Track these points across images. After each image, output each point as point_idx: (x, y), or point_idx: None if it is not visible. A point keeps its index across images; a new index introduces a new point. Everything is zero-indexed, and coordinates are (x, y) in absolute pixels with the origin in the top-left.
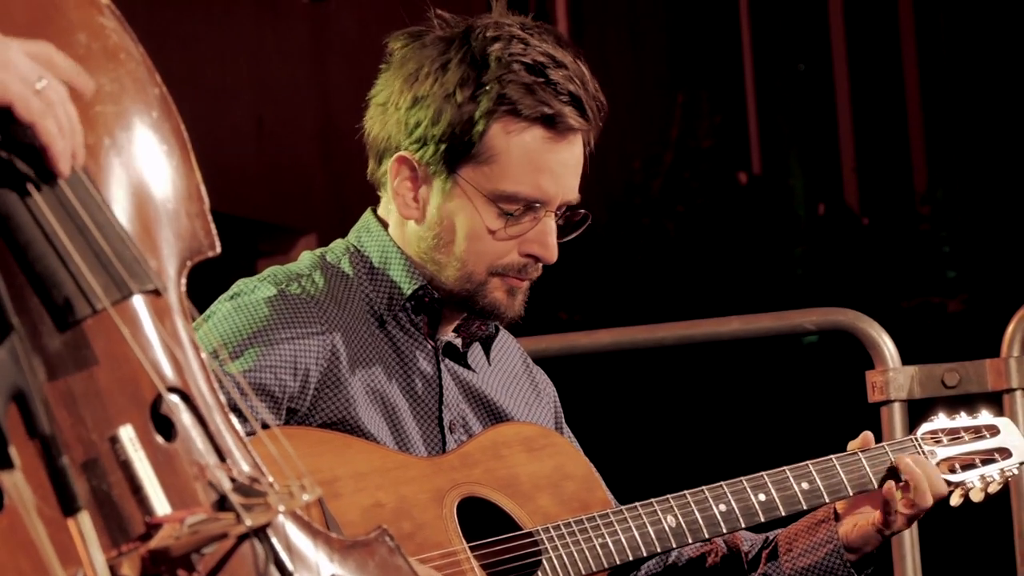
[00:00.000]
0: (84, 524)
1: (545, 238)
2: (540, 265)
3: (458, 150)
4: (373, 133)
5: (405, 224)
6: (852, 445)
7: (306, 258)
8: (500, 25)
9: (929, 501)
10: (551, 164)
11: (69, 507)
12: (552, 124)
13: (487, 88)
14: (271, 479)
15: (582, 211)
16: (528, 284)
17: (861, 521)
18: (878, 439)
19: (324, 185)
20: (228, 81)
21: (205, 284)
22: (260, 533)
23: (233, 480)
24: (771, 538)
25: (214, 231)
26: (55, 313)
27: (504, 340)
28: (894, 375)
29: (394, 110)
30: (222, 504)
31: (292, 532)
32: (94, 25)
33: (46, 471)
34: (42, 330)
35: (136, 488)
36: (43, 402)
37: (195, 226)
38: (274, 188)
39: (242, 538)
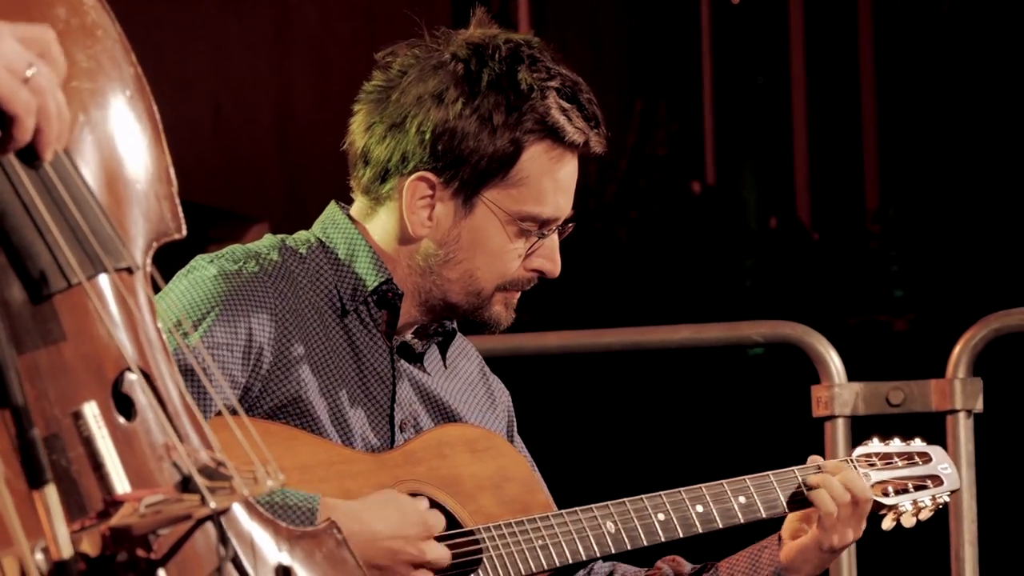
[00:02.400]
0: (50, 497)
1: (554, 254)
2: (538, 278)
3: (490, 173)
4: (377, 151)
5: (408, 239)
6: (812, 460)
7: (267, 239)
8: (509, 44)
9: (844, 502)
10: (567, 183)
11: (36, 479)
12: (581, 148)
13: (524, 114)
14: (230, 464)
15: (572, 223)
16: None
17: (802, 538)
18: (820, 454)
19: (279, 174)
20: (188, 68)
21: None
22: (216, 517)
23: (197, 461)
24: (712, 564)
25: (181, 214)
26: (30, 285)
27: (462, 346)
28: (839, 391)
29: (415, 131)
30: (186, 485)
31: (243, 519)
32: (73, 0)
33: (14, 442)
34: (13, 302)
35: (97, 465)
36: (17, 372)
37: (163, 208)
38: (228, 176)
39: (199, 521)
